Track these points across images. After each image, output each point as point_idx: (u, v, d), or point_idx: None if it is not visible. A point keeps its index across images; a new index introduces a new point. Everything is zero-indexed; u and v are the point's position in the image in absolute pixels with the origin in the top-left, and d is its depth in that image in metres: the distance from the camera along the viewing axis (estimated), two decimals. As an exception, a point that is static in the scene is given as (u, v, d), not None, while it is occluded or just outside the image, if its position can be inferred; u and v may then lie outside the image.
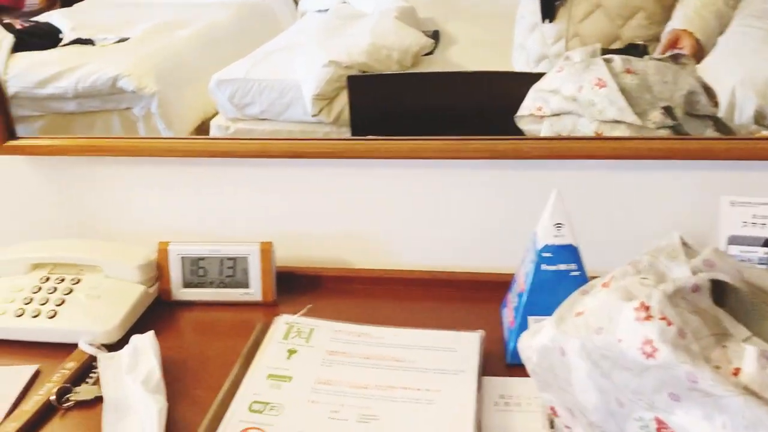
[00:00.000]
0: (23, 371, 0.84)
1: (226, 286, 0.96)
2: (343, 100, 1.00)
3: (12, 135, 1.00)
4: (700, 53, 0.96)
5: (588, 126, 0.95)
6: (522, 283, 0.82)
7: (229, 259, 0.96)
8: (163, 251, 0.96)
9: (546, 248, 0.79)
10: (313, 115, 0.99)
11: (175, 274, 0.97)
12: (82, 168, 1.03)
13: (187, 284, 0.97)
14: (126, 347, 0.85)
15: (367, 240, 1.02)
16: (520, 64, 0.99)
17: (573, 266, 0.80)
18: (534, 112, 0.99)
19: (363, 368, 0.78)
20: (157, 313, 0.95)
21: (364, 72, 0.99)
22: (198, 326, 0.94)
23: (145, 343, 0.84)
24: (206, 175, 1.01)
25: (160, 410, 0.73)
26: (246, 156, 0.98)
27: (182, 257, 0.96)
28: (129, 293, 0.92)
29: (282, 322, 0.87)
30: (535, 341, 0.62)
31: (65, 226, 1.07)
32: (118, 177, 1.03)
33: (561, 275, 0.80)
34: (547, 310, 0.81)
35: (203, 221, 1.04)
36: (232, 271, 0.96)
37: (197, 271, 0.97)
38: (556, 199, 0.79)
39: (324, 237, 1.03)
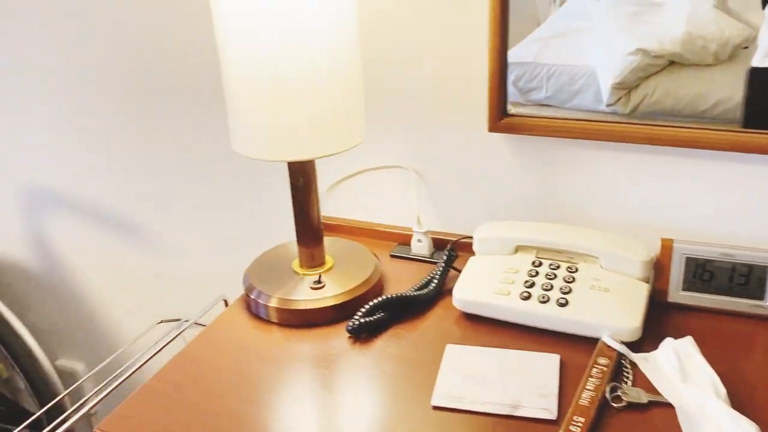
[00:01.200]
0: (549, 359, 0.81)
1: (733, 295, 0.87)
2: (643, 90, 0.89)
3: (504, 112, 0.98)
4: None
5: None
6: None
7: (744, 265, 0.86)
8: (666, 248, 0.89)
9: None
10: (609, 105, 0.92)
11: (676, 274, 0.89)
12: (564, 150, 0.99)
13: (687, 287, 0.89)
14: (661, 350, 0.79)
15: None
16: (756, 60, 0.82)
17: None
18: None
19: None
20: (653, 314, 0.89)
21: (673, 62, 0.87)
22: (704, 335, 0.85)
23: (688, 349, 0.78)
24: (700, 169, 0.93)
25: (760, 434, 0.65)
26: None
27: (687, 257, 0.88)
28: (637, 289, 0.86)
29: None
30: None
31: (539, 208, 1.04)
32: (601, 163, 0.97)
33: None
34: None
35: (686, 218, 0.96)
36: (745, 279, 0.87)
37: (702, 274, 0.88)
38: None
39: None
